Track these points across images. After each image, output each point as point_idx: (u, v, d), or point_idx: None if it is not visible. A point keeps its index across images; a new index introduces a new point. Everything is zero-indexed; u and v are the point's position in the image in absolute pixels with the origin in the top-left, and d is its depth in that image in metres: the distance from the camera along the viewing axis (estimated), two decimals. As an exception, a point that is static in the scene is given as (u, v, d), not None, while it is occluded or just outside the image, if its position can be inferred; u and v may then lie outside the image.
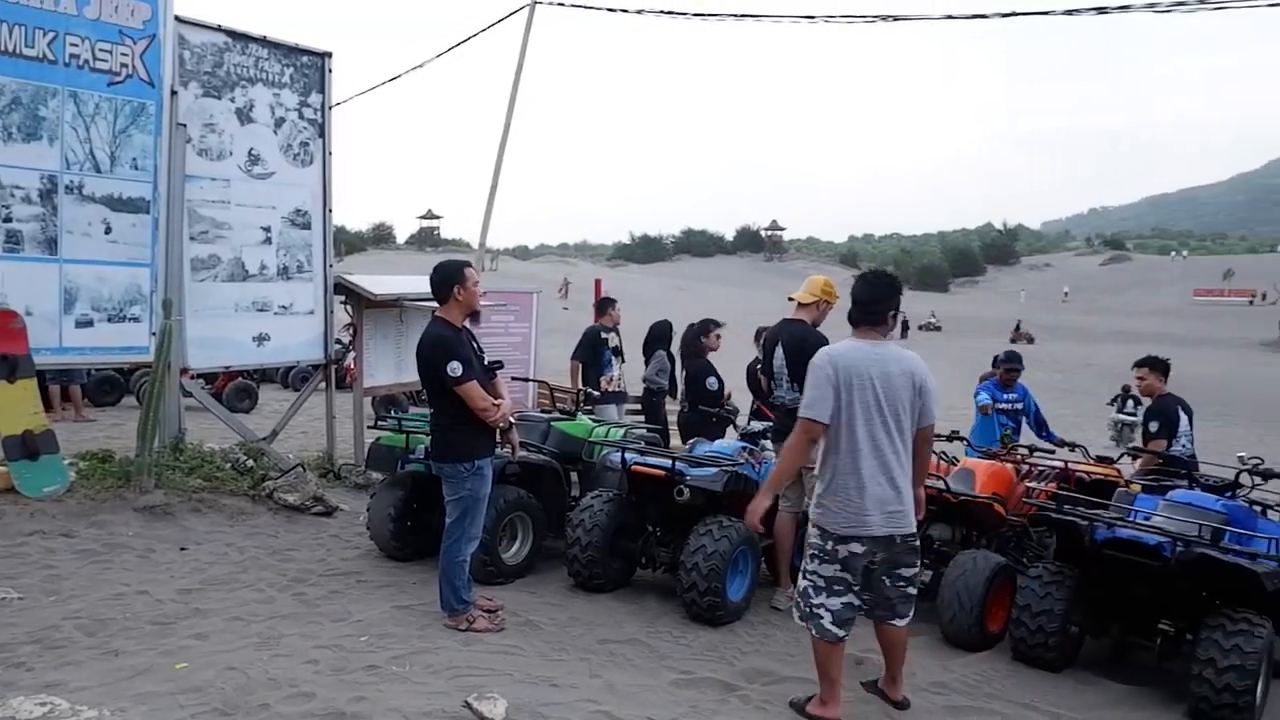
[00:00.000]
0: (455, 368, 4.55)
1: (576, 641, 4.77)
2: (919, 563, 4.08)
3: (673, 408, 8.53)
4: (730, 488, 5.27)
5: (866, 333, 3.98)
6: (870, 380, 3.83)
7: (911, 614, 4.10)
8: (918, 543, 4.03)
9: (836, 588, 3.91)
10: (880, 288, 4.07)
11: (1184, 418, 6.61)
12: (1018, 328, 45.57)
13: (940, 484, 5.54)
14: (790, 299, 5.80)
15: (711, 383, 7.56)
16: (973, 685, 4.69)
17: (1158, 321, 55.06)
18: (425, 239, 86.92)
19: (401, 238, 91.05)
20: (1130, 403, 18.15)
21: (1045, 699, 4.59)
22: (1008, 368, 8.07)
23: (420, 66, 12.16)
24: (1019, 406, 8.03)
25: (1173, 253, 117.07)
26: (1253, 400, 26.76)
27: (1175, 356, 6.96)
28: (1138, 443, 7.37)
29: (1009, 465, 6.26)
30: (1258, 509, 5.50)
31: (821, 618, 3.91)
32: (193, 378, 7.64)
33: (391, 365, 8.18)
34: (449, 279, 4.73)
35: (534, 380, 8.88)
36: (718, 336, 7.88)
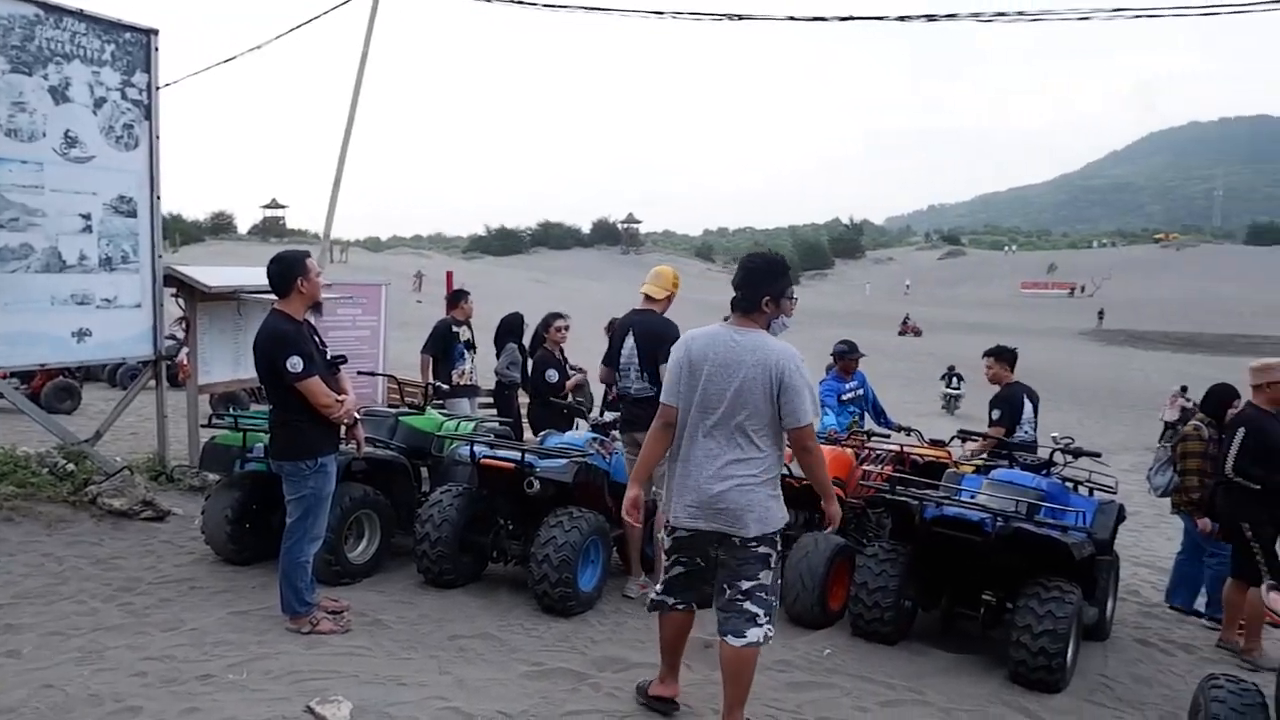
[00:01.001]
0: (296, 363, 4.38)
1: (426, 639, 4.69)
2: (763, 578, 3.58)
3: (526, 401, 8.48)
4: (580, 479, 5.30)
5: (738, 320, 3.67)
6: (718, 369, 3.55)
7: (754, 637, 3.57)
8: (765, 552, 3.58)
9: (669, 563, 3.82)
10: (753, 273, 3.68)
11: (1028, 405, 6.95)
12: (906, 320, 47.65)
13: (784, 469, 5.74)
14: (642, 291, 5.84)
15: (551, 375, 7.53)
16: (815, 661, 4.88)
17: (989, 312, 58.72)
18: (269, 229, 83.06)
19: (243, 228, 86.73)
20: (955, 380, 24.28)
21: (881, 670, 4.82)
22: (848, 358, 8.28)
23: (259, 48, 11.59)
24: (859, 394, 8.30)
25: (1005, 247, 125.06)
26: (1073, 385, 29.00)
27: (995, 344, 7.39)
28: (964, 411, 7.81)
29: (848, 450, 6.54)
30: (1070, 485, 5.98)
31: (657, 587, 3.86)
32: (4, 377, 7.04)
33: (229, 361, 7.79)
34: (290, 270, 4.54)
35: (383, 375, 8.65)
36: (559, 330, 7.85)
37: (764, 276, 3.66)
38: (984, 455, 6.68)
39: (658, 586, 3.84)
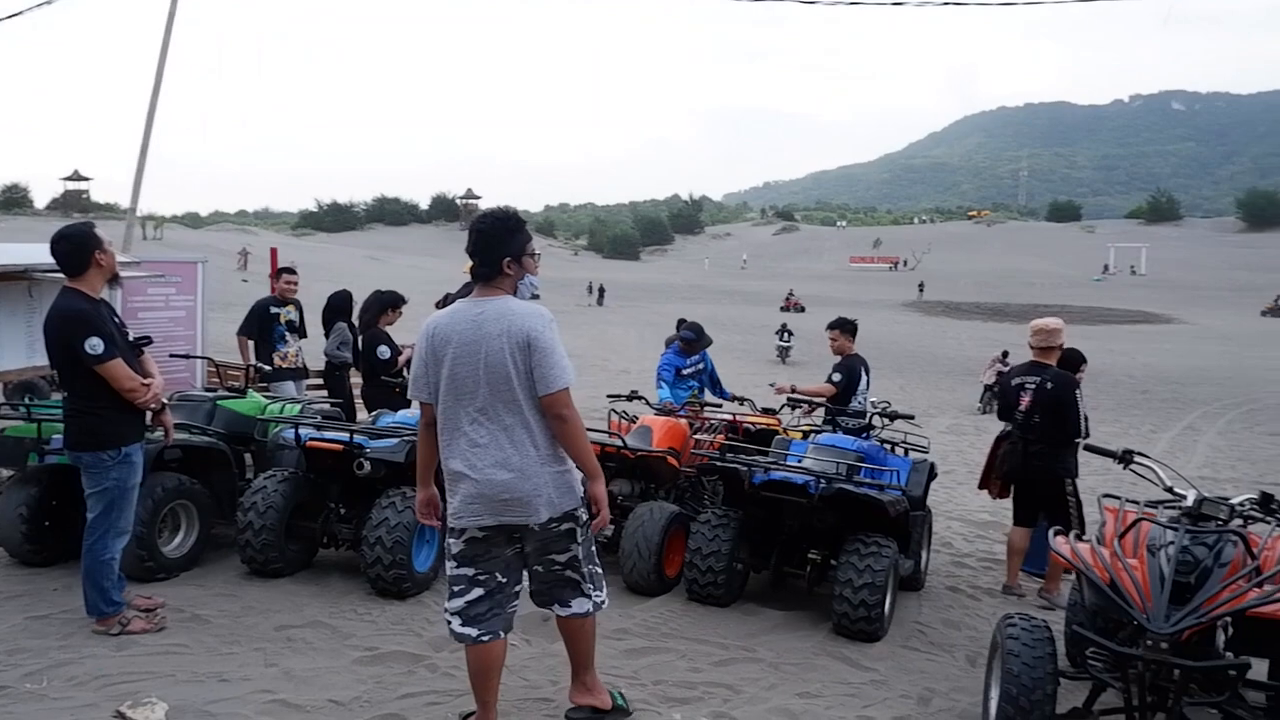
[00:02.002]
0: (95, 344, 4.08)
1: (250, 631, 4.49)
2: (574, 550, 3.41)
3: (359, 382, 8.20)
4: (413, 458, 5.17)
5: (480, 290, 3.33)
6: (463, 350, 3.22)
7: (584, 605, 3.50)
8: (568, 528, 3.37)
9: (457, 587, 3.37)
10: (486, 235, 3.31)
11: (864, 376, 7.32)
12: (790, 295, 48.67)
13: (618, 442, 5.81)
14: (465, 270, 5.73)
15: (383, 351, 7.32)
16: (652, 627, 4.99)
17: (821, 285, 61.14)
18: (71, 203, 76.39)
19: (41, 201, 79.50)
20: (786, 335, 29.20)
21: (715, 632, 4.98)
22: (696, 344, 8.32)
23: (48, 2, 10.61)
24: (700, 368, 8.45)
25: (837, 223, 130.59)
26: (898, 353, 30.69)
27: (838, 316, 7.69)
28: (794, 359, 8.02)
29: (683, 420, 6.68)
30: (887, 446, 6.33)
31: (450, 622, 3.38)
32: None
33: (22, 346, 7.16)
34: (84, 245, 4.21)
35: (201, 358, 8.17)
36: (395, 311, 7.61)
37: (499, 236, 3.31)
38: (811, 413, 6.96)
39: (454, 616, 3.36)
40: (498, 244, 3.31)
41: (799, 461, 5.54)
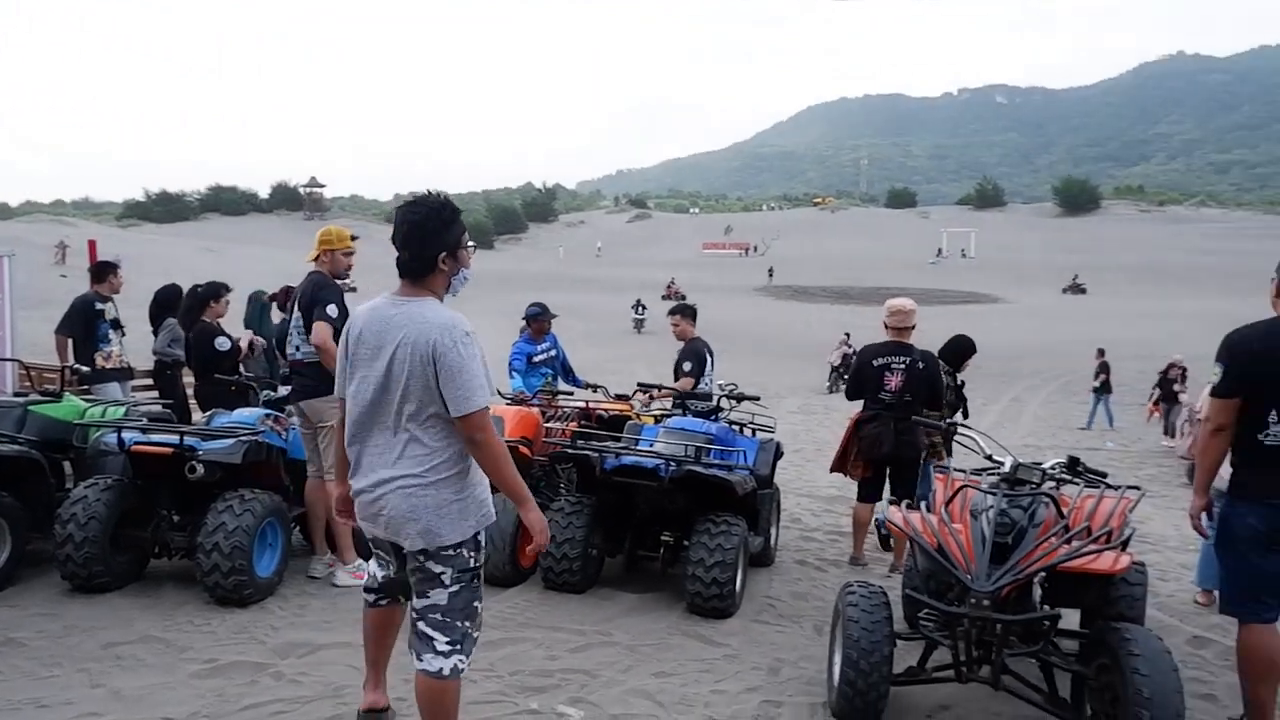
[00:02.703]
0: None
1: (73, 652, 4.19)
2: (434, 597, 2.97)
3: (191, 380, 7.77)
4: (251, 458, 4.97)
5: (406, 287, 3.02)
6: (371, 350, 2.98)
7: (435, 664, 2.96)
8: (437, 570, 2.96)
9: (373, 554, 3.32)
10: (420, 226, 2.97)
11: (709, 359, 7.27)
12: (671, 284, 48.86)
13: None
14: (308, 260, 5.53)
15: (222, 342, 6.94)
16: (508, 618, 4.96)
17: (675, 272, 62.05)
18: None
19: None
20: (641, 308, 34.75)
21: (572, 618, 5.00)
22: (541, 319, 8.27)
23: None
24: (552, 355, 8.38)
25: (690, 210, 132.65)
26: (751, 337, 31.58)
27: (691, 302, 7.82)
28: (649, 330, 8.07)
29: (535, 409, 6.65)
30: (736, 428, 6.49)
31: (362, 577, 3.41)
32: None
33: None
34: None
35: (9, 360, 7.53)
36: (219, 302, 7.22)
37: (434, 228, 2.97)
38: (667, 405, 7.04)
39: (362, 575, 3.40)
40: (433, 237, 2.97)
41: (650, 446, 5.62)
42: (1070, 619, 4.41)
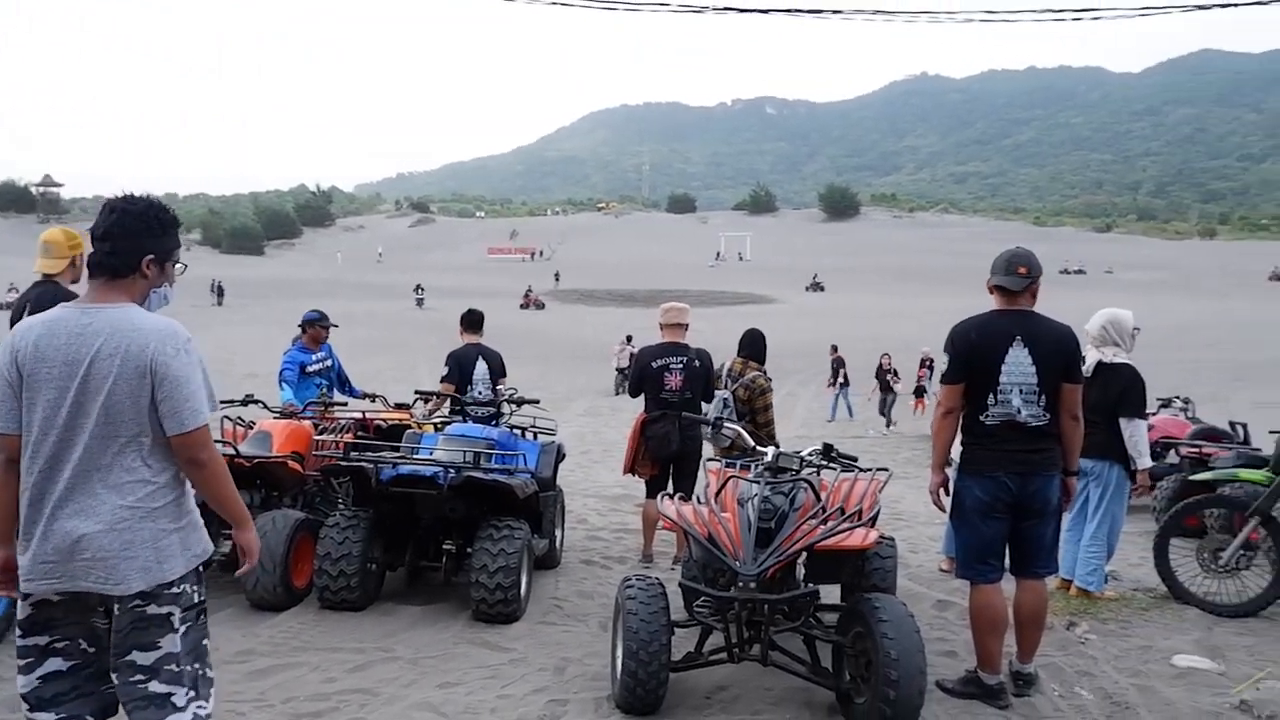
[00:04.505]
0: None
1: None
2: (165, 645, 2.57)
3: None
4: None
5: (98, 290, 2.65)
6: (60, 369, 2.55)
7: None
8: (164, 612, 2.58)
9: (24, 661, 2.61)
10: (129, 222, 2.64)
11: (482, 364, 7.00)
12: (528, 292, 47.36)
13: (231, 450, 5.37)
14: (38, 272, 4.85)
15: None
16: (280, 643, 4.71)
17: (460, 277, 61.19)
18: None
19: None
20: (419, 289, 41.47)
21: (351, 637, 4.82)
22: (319, 326, 7.83)
23: None
24: (327, 364, 7.98)
25: (476, 214, 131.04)
26: (539, 342, 31.68)
27: (476, 308, 7.63)
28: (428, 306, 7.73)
29: (306, 422, 6.35)
30: (517, 432, 6.49)
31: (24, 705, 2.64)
32: None
33: None
34: None
35: None
36: None
37: (147, 227, 2.65)
38: (444, 412, 6.91)
39: (25, 699, 2.62)
40: (144, 235, 2.65)
41: (430, 454, 5.51)
42: (832, 594, 4.74)
